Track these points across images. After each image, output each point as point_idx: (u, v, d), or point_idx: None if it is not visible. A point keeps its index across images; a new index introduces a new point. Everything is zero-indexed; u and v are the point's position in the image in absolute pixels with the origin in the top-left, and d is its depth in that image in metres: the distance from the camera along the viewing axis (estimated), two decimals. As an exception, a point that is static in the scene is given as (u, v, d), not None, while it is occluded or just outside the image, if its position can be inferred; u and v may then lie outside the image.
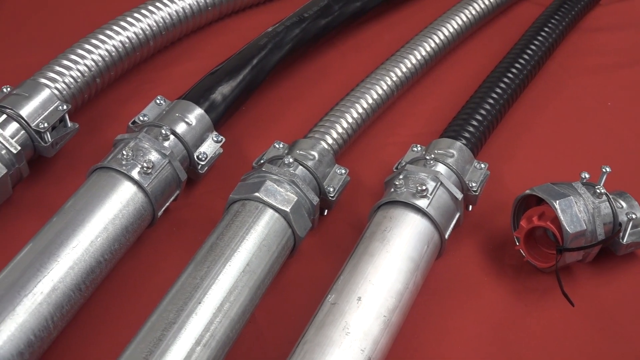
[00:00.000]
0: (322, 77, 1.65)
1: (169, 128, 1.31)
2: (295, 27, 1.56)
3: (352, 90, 1.49)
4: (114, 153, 1.26)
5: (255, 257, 1.16)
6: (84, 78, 1.42)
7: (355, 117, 1.43)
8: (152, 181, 1.24)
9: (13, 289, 1.09)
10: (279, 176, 1.25)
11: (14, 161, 1.29)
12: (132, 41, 1.50)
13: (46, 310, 1.10)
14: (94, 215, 1.19)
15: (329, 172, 1.33)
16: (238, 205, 1.22)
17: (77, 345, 1.18)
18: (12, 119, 1.31)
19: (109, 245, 1.19)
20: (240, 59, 1.49)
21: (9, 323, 1.06)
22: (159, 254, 1.31)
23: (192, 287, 1.10)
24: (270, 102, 1.58)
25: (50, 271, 1.12)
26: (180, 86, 1.46)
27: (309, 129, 1.42)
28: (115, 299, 1.24)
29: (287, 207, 1.21)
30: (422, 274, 1.21)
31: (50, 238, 1.15)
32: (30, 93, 1.34)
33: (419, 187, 1.23)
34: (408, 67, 1.56)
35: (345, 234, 1.35)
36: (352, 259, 1.18)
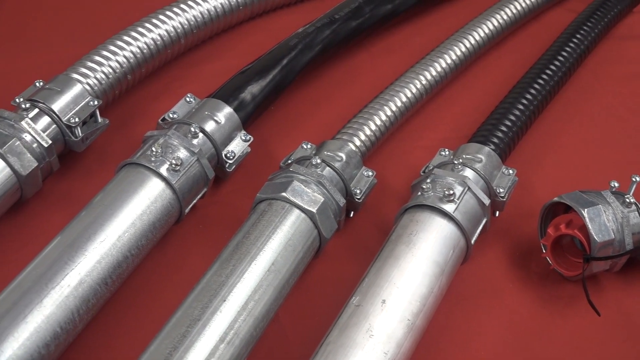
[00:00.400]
0: (352, 79, 1.65)
1: (198, 126, 1.31)
2: (325, 28, 1.56)
3: (381, 93, 1.48)
4: (143, 149, 1.27)
5: (281, 256, 1.17)
6: (115, 74, 1.43)
7: (384, 119, 1.43)
8: (180, 178, 1.25)
9: (41, 281, 1.10)
10: (306, 177, 1.25)
11: (44, 155, 1.30)
12: (164, 39, 1.51)
13: (73, 303, 1.11)
14: (122, 211, 1.20)
15: (356, 174, 1.33)
16: (265, 204, 1.23)
17: (102, 339, 1.19)
18: (44, 113, 1.32)
19: (136, 240, 1.19)
20: (271, 59, 1.49)
21: (36, 315, 1.07)
22: (184, 251, 1.31)
23: (218, 285, 1.11)
24: (299, 102, 1.58)
25: (77, 265, 1.13)
26: (210, 84, 1.46)
27: (337, 130, 1.42)
28: (141, 294, 1.25)
29: (313, 207, 1.22)
30: (447, 279, 1.20)
31: (78, 232, 1.16)
32: (63, 88, 1.35)
33: (446, 191, 1.23)
34: (438, 70, 1.55)
35: (370, 236, 1.35)
36: (377, 261, 1.18)
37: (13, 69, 1.57)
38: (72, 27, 1.69)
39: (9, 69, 1.57)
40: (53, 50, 1.62)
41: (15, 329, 1.05)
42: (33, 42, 1.64)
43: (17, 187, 1.27)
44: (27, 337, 1.06)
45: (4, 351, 1.03)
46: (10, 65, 1.58)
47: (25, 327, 1.06)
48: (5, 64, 1.59)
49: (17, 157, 1.26)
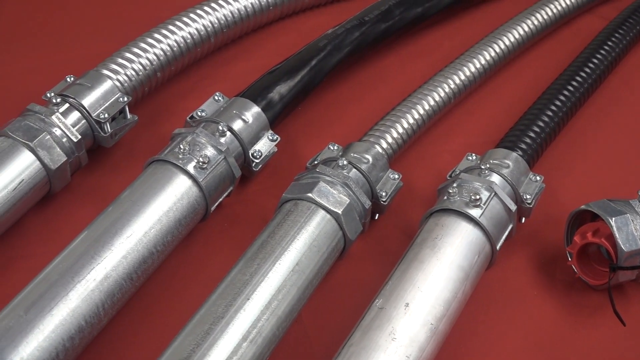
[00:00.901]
0: (380, 82, 1.64)
1: (226, 124, 1.32)
2: (355, 30, 1.56)
3: (409, 96, 1.48)
4: (171, 146, 1.28)
5: (305, 257, 1.17)
6: (145, 71, 1.44)
7: (411, 122, 1.42)
8: (207, 176, 1.25)
9: (67, 275, 1.11)
10: (333, 178, 1.25)
11: (73, 149, 1.31)
12: (194, 37, 1.52)
13: (98, 297, 1.12)
14: (148, 207, 1.20)
15: (382, 176, 1.33)
16: (290, 204, 1.23)
17: (126, 334, 1.20)
18: (74, 108, 1.33)
19: (162, 237, 1.20)
20: (299, 59, 1.49)
21: (62, 308, 1.08)
22: (209, 249, 1.32)
23: (242, 283, 1.11)
24: (327, 103, 1.58)
25: (103, 259, 1.14)
26: (239, 84, 1.47)
27: (364, 132, 1.42)
28: (165, 290, 1.26)
29: (339, 209, 1.22)
30: (472, 284, 1.20)
31: (105, 227, 1.17)
32: (93, 84, 1.37)
33: (472, 196, 1.22)
34: (467, 75, 1.55)
35: (395, 239, 1.35)
36: (402, 264, 1.18)
37: (45, 64, 1.58)
38: (103, 24, 1.70)
39: (41, 63, 1.59)
40: (84, 46, 1.63)
41: (40, 321, 1.06)
42: (64, 37, 1.66)
43: (46, 181, 1.28)
44: (52, 329, 1.07)
45: (29, 342, 1.04)
46: (42, 60, 1.59)
47: (51, 319, 1.07)
48: (37, 59, 1.60)
49: (46, 151, 1.27)
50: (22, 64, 1.58)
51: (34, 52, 1.62)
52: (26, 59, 1.60)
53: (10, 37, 1.64)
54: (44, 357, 1.05)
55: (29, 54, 1.61)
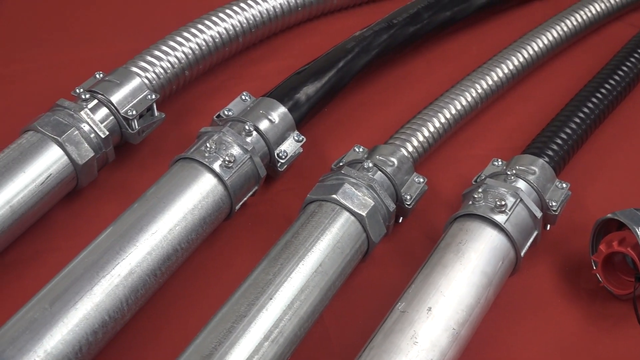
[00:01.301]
0: (406, 85, 1.64)
1: (252, 124, 1.32)
2: (383, 32, 1.55)
3: (436, 100, 1.48)
4: (197, 145, 1.28)
5: (329, 258, 1.17)
6: (173, 69, 1.45)
7: (437, 126, 1.42)
8: (233, 175, 1.26)
9: (92, 270, 1.12)
10: (358, 180, 1.25)
11: (101, 145, 1.32)
12: (222, 36, 1.52)
13: (122, 292, 1.12)
14: (174, 204, 1.21)
15: (407, 179, 1.32)
16: (315, 205, 1.23)
17: (148, 330, 1.21)
18: (102, 105, 1.34)
19: (187, 234, 1.21)
20: (327, 61, 1.49)
21: (86, 302, 1.09)
22: (233, 247, 1.32)
23: (265, 283, 1.11)
24: (353, 105, 1.58)
25: (128, 255, 1.14)
26: (266, 84, 1.47)
27: (390, 135, 1.41)
28: (188, 288, 1.26)
29: (363, 211, 1.22)
30: (495, 290, 1.19)
31: (130, 223, 1.18)
32: (122, 80, 1.37)
33: (497, 201, 1.22)
34: (494, 80, 1.54)
35: (418, 242, 1.35)
36: (425, 268, 1.18)
37: (75, 60, 1.59)
38: (133, 22, 1.71)
39: (71, 59, 1.60)
40: (114, 43, 1.64)
41: (65, 315, 1.07)
42: (94, 34, 1.67)
43: (73, 176, 1.29)
44: (76, 323, 1.08)
45: (53, 335, 1.05)
46: (72, 56, 1.61)
47: (75, 313, 1.08)
48: (67, 54, 1.61)
49: (74, 146, 1.28)
50: (52, 59, 1.60)
51: (65, 48, 1.63)
52: (56, 54, 1.61)
53: (41, 33, 1.66)
54: (67, 351, 1.06)
55: (59, 49, 1.62)
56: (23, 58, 1.60)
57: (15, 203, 1.21)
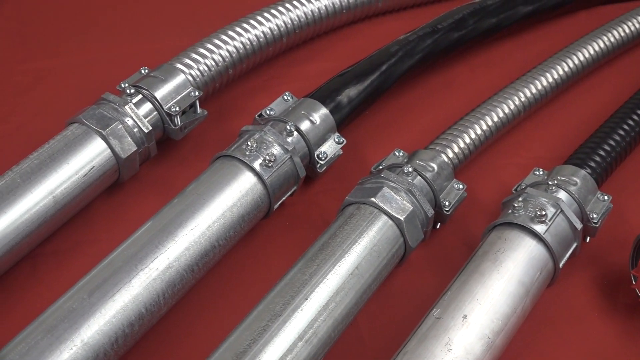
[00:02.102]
0: (449, 90, 1.63)
1: (293, 124, 1.32)
2: (427, 37, 1.55)
3: (478, 107, 1.46)
4: (238, 143, 1.29)
5: (365, 261, 1.16)
6: (217, 67, 1.46)
7: (479, 133, 1.41)
8: (272, 174, 1.26)
9: (131, 262, 1.13)
10: (397, 184, 1.24)
11: (144, 140, 1.33)
12: (267, 36, 1.53)
13: (159, 286, 1.13)
14: (213, 201, 1.22)
15: (447, 185, 1.32)
16: (353, 208, 1.23)
17: (183, 324, 1.22)
18: (146, 100, 1.35)
19: (225, 231, 1.21)
20: (370, 63, 1.49)
21: (124, 294, 1.10)
22: (270, 246, 1.33)
23: (301, 283, 1.11)
24: (394, 109, 1.57)
25: (167, 249, 1.15)
26: (308, 84, 1.47)
27: (431, 140, 1.41)
28: (224, 285, 1.27)
29: (401, 215, 1.21)
30: (532, 301, 1.18)
31: (170, 218, 1.19)
32: (166, 77, 1.39)
33: (538, 211, 1.20)
34: (538, 88, 1.52)
35: (455, 249, 1.34)
36: (462, 275, 1.17)
37: (121, 54, 1.61)
38: (179, 19, 1.72)
39: (117, 54, 1.62)
40: (160, 39, 1.66)
41: (103, 306, 1.09)
42: (141, 30, 1.69)
43: (115, 169, 1.31)
44: (113, 314, 1.09)
45: (90, 326, 1.07)
46: (118, 51, 1.63)
47: (113, 304, 1.09)
48: (114, 49, 1.63)
49: (118, 140, 1.29)
50: (99, 53, 1.62)
51: (112, 43, 1.65)
52: (104, 49, 1.63)
53: (90, 27, 1.68)
54: (103, 341, 1.07)
55: (106, 44, 1.64)
56: (71, 51, 1.62)
57: (58, 194, 1.23)
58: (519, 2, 1.68)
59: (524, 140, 1.54)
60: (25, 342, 1.04)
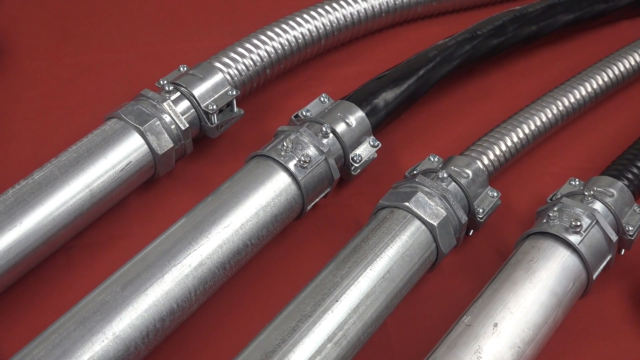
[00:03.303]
0: (486, 97, 1.62)
1: (329, 126, 1.32)
2: (466, 43, 1.54)
3: (516, 114, 1.45)
4: (274, 143, 1.29)
5: (397, 265, 1.16)
6: (255, 67, 1.46)
7: (515, 141, 1.39)
8: (307, 175, 1.26)
9: (164, 258, 1.14)
10: (431, 189, 1.24)
11: (180, 137, 1.34)
12: (305, 37, 1.53)
13: (191, 282, 1.14)
14: (247, 200, 1.22)
15: (481, 192, 1.31)
16: (386, 211, 1.22)
17: (214, 322, 1.22)
18: (184, 97, 1.36)
19: (258, 230, 1.22)
20: (408, 68, 1.48)
21: (157, 289, 1.11)
22: (302, 247, 1.33)
23: (332, 285, 1.11)
24: (430, 114, 1.56)
25: (200, 246, 1.16)
26: (345, 87, 1.47)
27: (466, 146, 1.40)
28: (255, 284, 1.27)
29: (435, 221, 1.20)
30: (564, 311, 1.16)
31: (204, 215, 1.20)
32: (205, 75, 1.39)
33: (573, 222, 1.19)
34: (577, 98, 1.50)
35: (488, 257, 1.33)
36: (493, 283, 1.16)
37: (161, 52, 1.62)
38: (219, 18, 1.73)
39: (157, 52, 1.63)
40: (199, 38, 1.67)
41: (135, 300, 1.09)
42: (181, 28, 1.70)
43: (151, 165, 1.32)
44: (145, 309, 1.09)
45: (122, 319, 1.08)
46: (158, 49, 1.63)
47: (145, 299, 1.10)
48: (154, 46, 1.64)
49: (155, 136, 1.30)
50: (140, 50, 1.63)
51: (152, 40, 1.66)
52: (144, 46, 1.64)
53: (131, 25, 1.69)
54: (134, 335, 1.08)
55: (147, 42, 1.65)
56: (112, 48, 1.63)
57: (95, 187, 1.24)
58: (559, 10, 1.66)
59: (560, 150, 1.52)
60: (58, 333, 1.05)
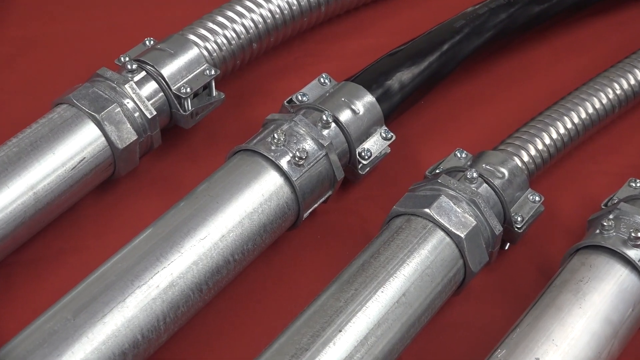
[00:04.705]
0: (525, 78, 1.63)
1: (331, 114, 1.33)
2: (501, 11, 1.55)
3: (562, 100, 1.46)
4: (262, 135, 1.30)
5: (415, 286, 1.17)
6: (239, 40, 1.47)
7: (562, 132, 1.40)
8: (303, 175, 1.27)
9: (126, 277, 1.14)
10: (457, 192, 1.25)
11: (146, 127, 1.35)
12: (301, 3, 1.53)
13: (160, 308, 1.14)
14: (229, 206, 1.23)
15: (519, 197, 1.32)
16: (402, 220, 1.23)
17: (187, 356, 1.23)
18: (151, 78, 1.37)
19: (242, 243, 1.22)
20: (428, 41, 1.49)
21: (117, 316, 1.11)
22: (297, 264, 1.34)
23: (334, 311, 1.12)
24: (456, 99, 1.58)
25: (170, 263, 1.17)
26: (351, 65, 1.48)
27: (501, 139, 1.41)
28: (240, 309, 1.28)
29: (462, 232, 1.21)
30: (621, 343, 1.18)
31: (176, 224, 1.20)
32: (176, 50, 1.40)
33: (632, 233, 1.20)
34: (638, 79, 1.51)
35: (527, 276, 1.34)
36: (534, 309, 1.17)
37: (122, 22, 1.63)
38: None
39: (117, 22, 1.63)
40: (169, 5, 1.67)
41: (90, 329, 1.10)
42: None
43: (110, 162, 1.32)
44: (102, 340, 1.10)
45: (75, 353, 1.08)
46: (118, 19, 1.64)
47: (103, 328, 1.10)
48: (114, 16, 1.65)
49: (114, 126, 1.31)
50: (96, 21, 1.64)
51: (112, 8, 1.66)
52: (102, 15, 1.65)
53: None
54: (90, 373, 1.09)
55: (105, 10, 1.66)
56: (64, 18, 1.64)
57: (40, 190, 1.25)
58: (616, -30, 1.68)
59: (617, 144, 1.54)
60: (-5, 370, 1.06)
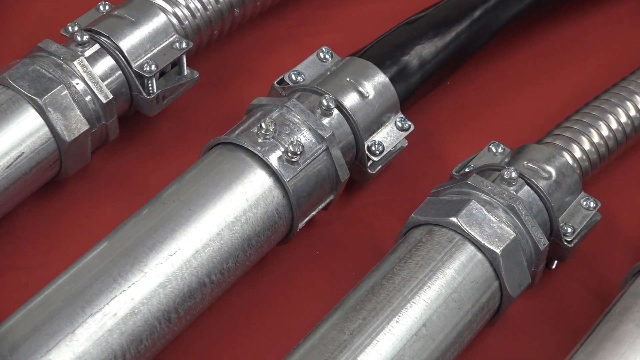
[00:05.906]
0: (578, 51, 1.64)
1: (333, 98, 1.33)
2: (546, -32, 1.56)
3: (624, 80, 1.46)
4: (246, 124, 1.30)
5: (438, 315, 1.17)
6: (217, 5, 1.47)
7: (624, 122, 1.41)
8: (298, 174, 1.27)
9: (75, 303, 1.14)
10: (492, 197, 1.25)
11: (99, 115, 1.35)
12: (295, -41, 1.54)
13: (117, 341, 1.14)
14: (205, 213, 1.23)
15: (570, 202, 1.32)
16: (422, 231, 1.24)
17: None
18: (106, 53, 1.37)
19: (221, 261, 1.22)
20: (455, 7, 1.50)
21: (64, 351, 1.11)
22: (290, 285, 1.34)
23: (336, 345, 1.12)
24: (489, 80, 1.58)
25: (131, 285, 1.17)
26: (357, 36, 1.49)
27: (546, 131, 1.41)
28: (218, 342, 1.28)
29: (497, 246, 1.21)
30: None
31: (137, 237, 1.20)
32: (138, 17, 1.40)
33: None
34: None
35: (579, 301, 1.35)
36: (588, 343, 1.17)
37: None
38: None
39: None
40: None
41: (30, 369, 1.10)
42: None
43: (55, 158, 1.33)
44: (45, 382, 1.10)
45: (12, 400, 1.08)
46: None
47: (46, 367, 1.11)
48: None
49: (60, 113, 1.31)
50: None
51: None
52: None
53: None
54: None
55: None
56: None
57: (-34, 193, 1.26)
58: None
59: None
60: None
